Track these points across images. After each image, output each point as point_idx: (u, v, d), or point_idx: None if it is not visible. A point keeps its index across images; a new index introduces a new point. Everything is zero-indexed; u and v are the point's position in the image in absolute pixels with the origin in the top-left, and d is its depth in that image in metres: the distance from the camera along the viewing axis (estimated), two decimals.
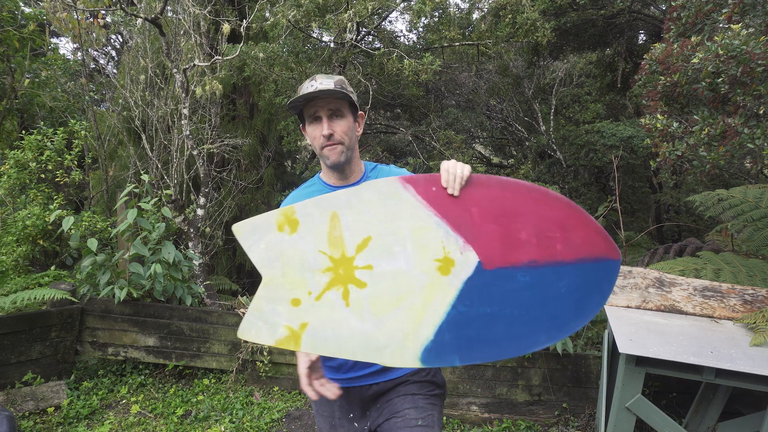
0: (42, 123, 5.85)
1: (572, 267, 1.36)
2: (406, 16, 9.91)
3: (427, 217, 1.26)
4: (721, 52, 3.19)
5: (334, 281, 1.22)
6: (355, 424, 1.48)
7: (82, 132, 5.26)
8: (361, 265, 1.24)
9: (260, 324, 1.19)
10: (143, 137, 6.70)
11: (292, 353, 3.33)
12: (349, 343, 1.22)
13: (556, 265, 1.35)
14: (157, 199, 3.53)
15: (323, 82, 1.38)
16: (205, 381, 3.38)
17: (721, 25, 3.68)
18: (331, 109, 1.39)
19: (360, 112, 1.50)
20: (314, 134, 1.41)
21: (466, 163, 9.03)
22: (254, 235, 1.21)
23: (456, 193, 1.22)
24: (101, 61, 11.01)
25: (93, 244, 3.17)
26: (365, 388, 1.46)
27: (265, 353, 3.34)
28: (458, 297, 1.27)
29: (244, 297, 4.21)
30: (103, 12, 6.60)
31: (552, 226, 1.36)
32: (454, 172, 1.21)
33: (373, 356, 1.22)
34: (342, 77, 1.44)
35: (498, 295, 1.29)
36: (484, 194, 1.29)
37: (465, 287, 1.28)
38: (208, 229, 6.66)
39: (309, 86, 1.39)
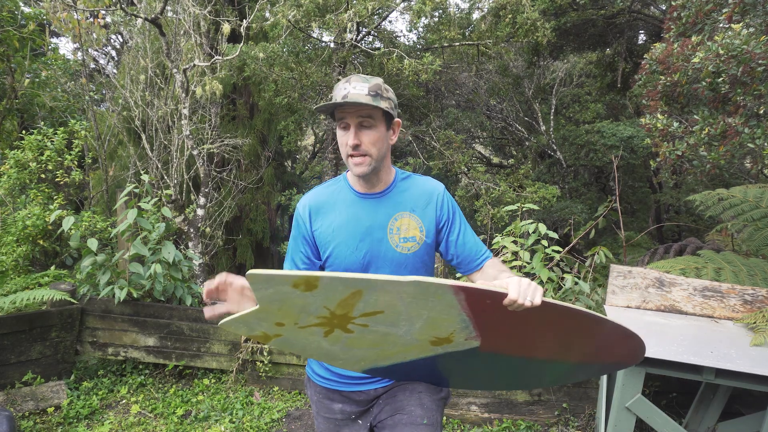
0: (42, 123, 5.85)
1: (593, 366, 1.41)
2: (406, 16, 9.90)
3: (456, 314, 1.12)
4: (721, 51, 3.19)
5: (324, 324, 1.15)
6: (359, 421, 1.47)
7: (82, 132, 5.26)
8: (358, 323, 1.14)
9: (240, 326, 1.17)
10: (143, 137, 6.70)
11: (292, 353, 3.33)
12: (313, 351, 1.24)
13: (582, 364, 1.37)
14: (157, 199, 3.53)
15: (357, 86, 1.27)
16: (205, 381, 3.38)
17: (721, 25, 3.68)
18: (362, 117, 1.28)
19: (396, 120, 1.37)
20: (342, 141, 1.32)
21: (466, 162, 9.01)
22: (267, 285, 1.09)
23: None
24: (101, 61, 11.01)
25: (93, 244, 3.16)
26: (371, 391, 1.45)
27: (266, 353, 3.34)
28: (431, 356, 1.24)
29: None
30: (103, 12, 6.59)
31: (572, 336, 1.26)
32: (524, 298, 1.04)
33: (328, 360, 1.26)
34: (379, 81, 1.30)
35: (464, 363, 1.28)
36: (540, 316, 1.12)
37: (444, 354, 1.22)
38: (208, 229, 6.66)
39: (341, 89, 1.29)
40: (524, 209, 3.37)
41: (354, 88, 1.27)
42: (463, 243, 1.40)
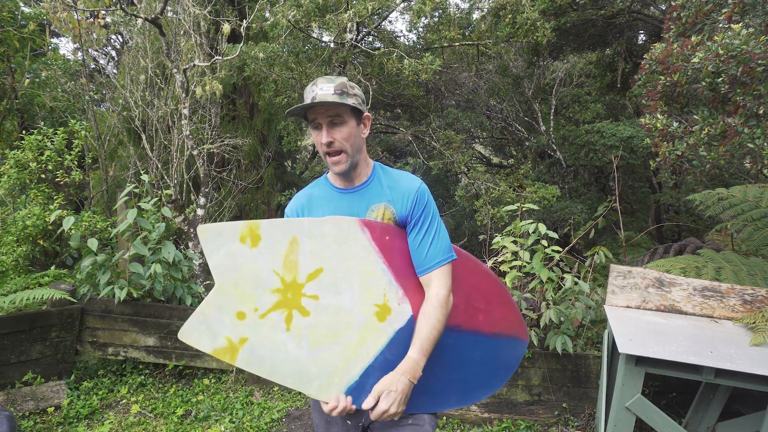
0: (42, 123, 5.86)
1: (488, 339, 1.46)
2: (406, 16, 9.90)
3: (375, 263, 1.34)
4: (721, 51, 3.19)
5: (281, 303, 1.26)
6: (348, 422, 1.50)
7: (82, 132, 5.26)
8: (309, 294, 1.28)
9: (203, 329, 1.21)
10: (143, 137, 6.70)
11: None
12: (282, 368, 1.25)
13: (475, 334, 1.45)
14: (157, 199, 3.53)
15: (323, 87, 1.35)
16: (205, 381, 3.38)
17: (721, 25, 3.68)
18: (330, 116, 1.36)
19: (366, 114, 1.46)
20: (317, 140, 1.40)
21: (466, 162, 9.01)
22: (217, 240, 1.24)
23: None
24: (101, 61, 11.01)
25: (93, 244, 3.17)
26: None
27: None
28: (388, 344, 1.33)
29: None
30: (103, 12, 6.59)
31: (479, 297, 1.47)
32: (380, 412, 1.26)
33: (303, 386, 1.26)
34: (344, 80, 1.40)
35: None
36: None
37: (395, 336, 1.34)
38: None
39: (309, 92, 1.37)
40: (524, 209, 3.37)
41: (321, 89, 1.35)
42: (416, 245, 1.41)
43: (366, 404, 1.24)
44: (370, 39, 10.02)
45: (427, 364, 1.33)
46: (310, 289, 1.28)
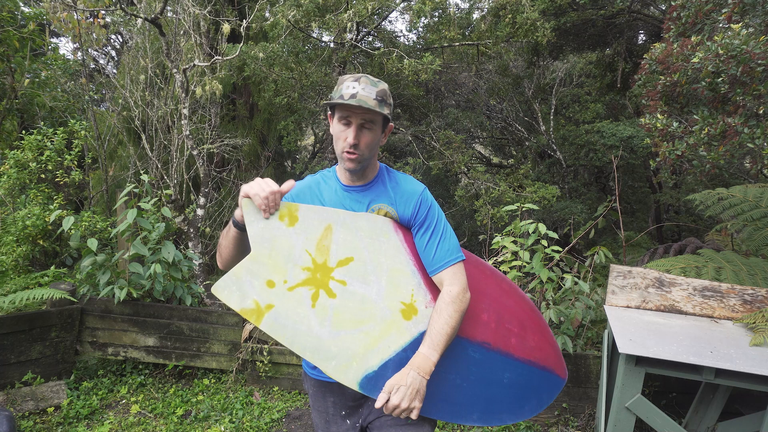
0: (42, 123, 5.85)
1: (519, 364, 1.45)
2: (406, 16, 9.91)
3: (405, 263, 1.40)
4: (721, 51, 3.19)
5: (309, 281, 1.31)
6: (348, 421, 1.50)
7: (82, 132, 5.25)
8: (337, 278, 1.33)
9: (234, 288, 1.26)
10: (143, 137, 6.70)
11: (292, 353, 3.33)
12: (302, 339, 1.27)
13: (505, 355, 1.44)
14: (157, 199, 3.53)
15: (366, 88, 1.32)
16: (205, 381, 3.38)
17: (721, 25, 3.68)
18: (365, 119, 1.34)
19: (390, 124, 1.45)
20: (339, 135, 1.38)
21: (466, 162, 8.99)
22: (258, 214, 1.30)
23: None
24: (101, 61, 11.00)
25: (93, 244, 3.16)
26: None
27: (265, 353, 3.34)
28: (410, 343, 1.34)
29: None
30: (103, 12, 6.59)
31: (513, 320, 1.47)
32: (396, 410, 1.25)
33: (320, 362, 1.27)
34: (385, 87, 1.37)
35: (446, 359, 1.35)
36: None
37: (419, 337, 1.35)
38: (208, 229, 6.66)
39: (349, 87, 1.33)
40: (524, 209, 3.37)
41: (363, 89, 1.32)
42: (424, 246, 1.42)
43: (378, 403, 1.24)
44: (370, 39, 10.03)
45: (449, 374, 1.33)
46: (338, 274, 1.33)
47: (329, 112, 1.44)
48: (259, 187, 1.29)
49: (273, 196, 1.29)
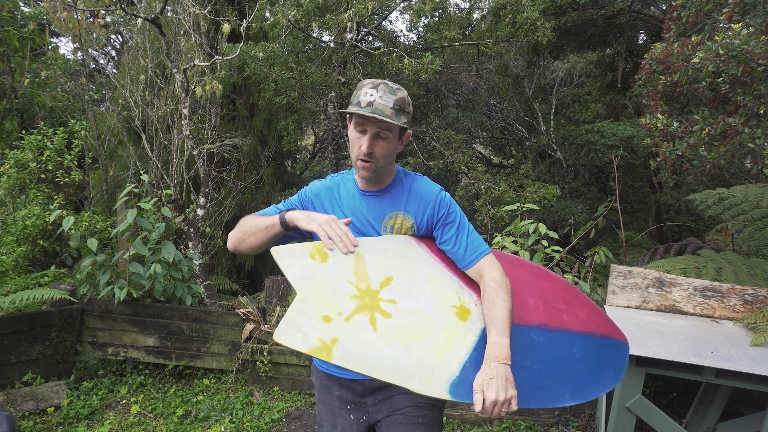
0: (42, 123, 5.85)
1: (581, 337, 1.45)
2: (406, 16, 9.90)
3: (440, 270, 1.43)
4: (721, 51, 3.18)
5: (362, 307, 1.30)
6: (351, 416, 1.49)
7: (82, 132, 5.25)
8: (386, 298, 1.33)
9: (293, 332, 1.23)
10: (143, 137, 6.70)
11: (292, 353, 3.33)
12: (379, 364, 1.24)
13: (565, 332, 1.44)
14: (157, 199, 3.53)
15: (383, 96, 1.30)
16: (205, 381, 3.38)
17: (721, 25, 3.67)
18: (380, 128, 1.32)
19: (408, 132, 1.43)
20: (354, 142, 1.36)
21: (466, 162, 8.99)
22: (291, 258, 1.32)
23: None
24: (101, 61, 11.00)
25: (93, 244, 3.16)
26: (366, 382, 1.47)
27: (265, 353, 3.34)
28: (478, 341, 1.33)
29: (244, 297, 4.21)
30: (103, 12, 6.59)
31: (557, 299, 1.49)
32: (494, 413, 1.20)
33: (404, 381, 1.23)
34: (404, 95, 1.34)
35: (517, 348, 1.34)
36: None
37: (483, 334, 1.34)
38: (208, 229, 6.66)
39: (367, 94, 1.31)
40: (524, 209, 3.37)
41: (380, 97, 1.30)
42: (452, 245, 1.43)
43: (477, 405, 1.19)
44: (370, 39, 10.03)
45: (527, 363, 1.32)
46: (385, 294, 1.33)
47: (347, 116, 1.41)
48: (334, 232, 1.34)
49: (347, 237, 1.34)
